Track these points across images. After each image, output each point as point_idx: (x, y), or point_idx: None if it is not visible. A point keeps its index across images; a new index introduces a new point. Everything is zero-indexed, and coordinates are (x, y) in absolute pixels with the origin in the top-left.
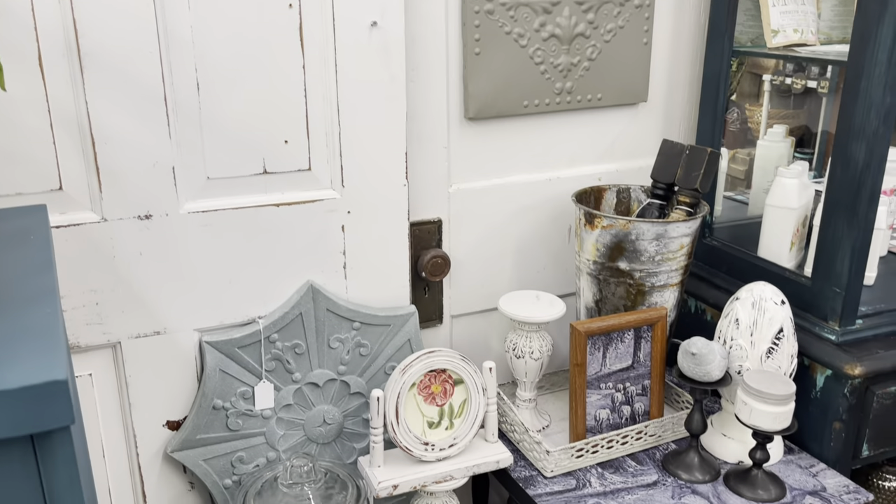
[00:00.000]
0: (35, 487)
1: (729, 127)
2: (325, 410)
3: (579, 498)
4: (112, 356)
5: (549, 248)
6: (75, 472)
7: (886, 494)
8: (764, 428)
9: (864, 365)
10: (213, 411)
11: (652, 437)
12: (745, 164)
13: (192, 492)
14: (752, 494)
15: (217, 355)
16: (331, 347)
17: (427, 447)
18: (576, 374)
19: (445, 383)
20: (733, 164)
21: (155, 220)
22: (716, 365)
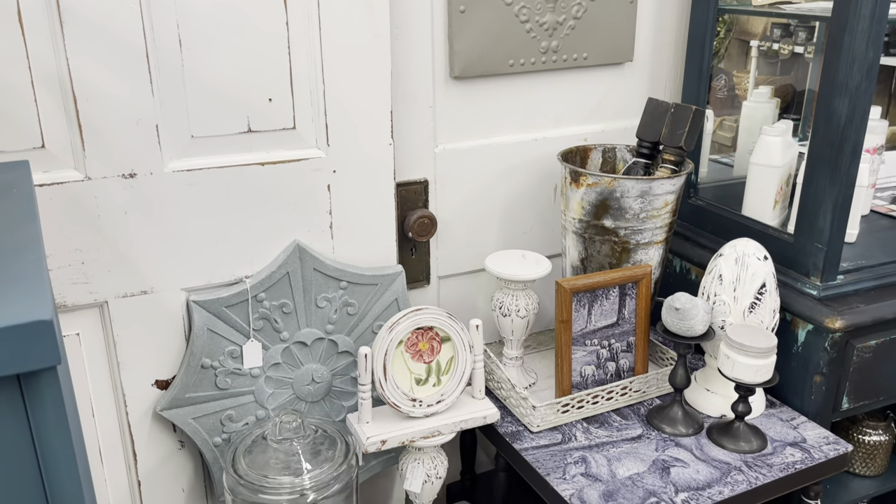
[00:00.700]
0: (23, 428)
1: (716, 94)
2: (313, 369)
3: (565, 451)
4: (99, 315)
5: (535, 209)
6: (63, 412)
7: (866, 448)
8: (746, 381)
9: (845, 318)
10: (202, 370)
11: (636, 392)
12: (732, 132)
13: (182, 450)
14: (733, 446)
15: (204, 314)
16: (318, 307)
17: (415, 403)
18: (561, 331)
19: (433, 341)
20: (720, 132)
21: (139, 178)
22: (699, 320)
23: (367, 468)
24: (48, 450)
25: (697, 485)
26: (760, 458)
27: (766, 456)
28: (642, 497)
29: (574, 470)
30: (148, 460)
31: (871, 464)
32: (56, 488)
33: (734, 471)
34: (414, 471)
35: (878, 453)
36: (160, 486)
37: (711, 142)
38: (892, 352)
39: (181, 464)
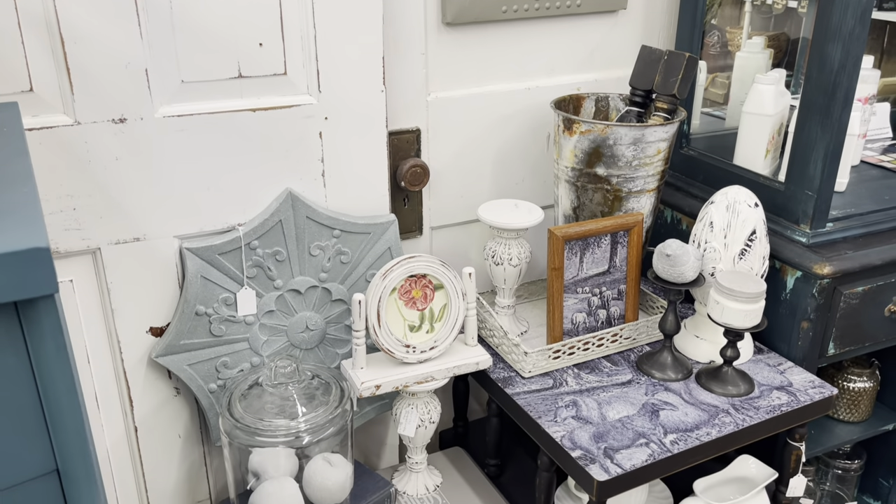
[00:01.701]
0: (22, 358)
1: (709, 50)
2: (307, 317)
3: (556, 396)
4: (92, 262)
5: (528, 160)
6: (62, 342)
7: (851, 395)
8: (735, 325)
9: (833, 265)
10: (196, 317)
11: (627, 339)
12: (724, 88)
13: (177, 397)
14: (721, 390)
15: (198, 262)
16: (311, 255)
17: (408, 349)
18: (553, 279)
19: (426, 288)
20: (712, 88)
21: (129, 123)
22: (690, 266)
23: (361, 414)
24: (48, 380)
25: (686, 426)
26: (747, 401)
27: (753, 399)
28: (632, 438)
29: (565, 413)
30: (144, 406)
31: (856, 410)
32: (57, 419)
33: (722, 413)
34: (408, 416)
35: (862, 399)
36: (156, 432)
37: (703, 99)
38: (878, 298)
39: (177, 410)
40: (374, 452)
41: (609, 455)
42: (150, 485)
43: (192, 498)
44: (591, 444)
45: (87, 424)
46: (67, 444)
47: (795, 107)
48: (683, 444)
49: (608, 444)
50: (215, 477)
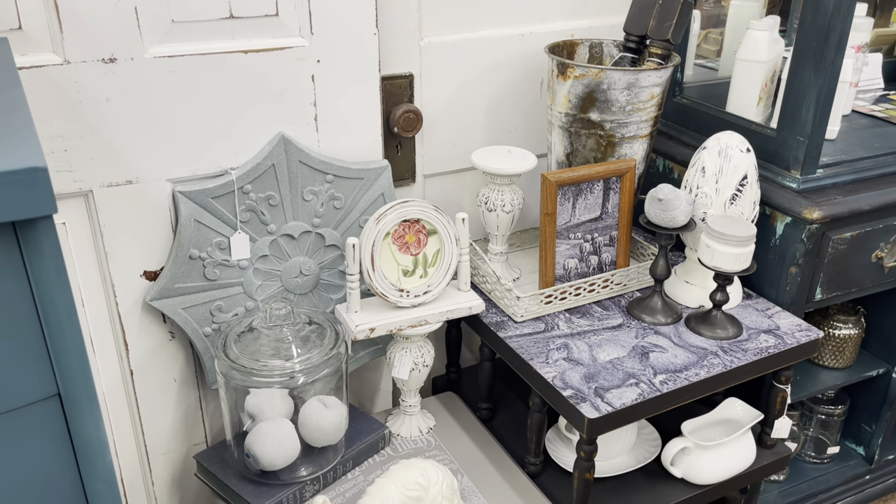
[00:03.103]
0: (21, 280)
1: (702, 5)
2: (301, 262)
3: (548, 339)
4: (85, 205)
5: (521, 107)
6: (61, 263)
7: (836, 341)
8: (725, 269)
9: (822, 209)
10: (190, 261)
11: (618, 285)
12: (717, 44)
13: (172, 341)
14: (710, 333)
15: (191, 205)
16: (304, 200)
17: (402, 293)
18: (546, 224)
19: (419, 233)
20: (705, 45)
21: (120, 64)
22: (681, 210)
23: (355, 359)
24: (48, 303)
25: (675, 367)
26: (736, 343)
27: (741, 342)
28: (622, 378)
29: (556, 355)
30: (139, 350)
31: (840, 356)
32: (58, 342)
33: (710, 355)
34: (401, 359)
35: (847, 346)
36: (152, 376)
37: (696, 55)
38: (865, 244)
39: (172, 354)
40: (368, 398)
41: (599, 394)
42: (146, 428)
43: (188, 441)
44: (581, 384)
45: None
46: (69, 368)
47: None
48: (673, 384)
49: (599, 384)
50: (211, 421)
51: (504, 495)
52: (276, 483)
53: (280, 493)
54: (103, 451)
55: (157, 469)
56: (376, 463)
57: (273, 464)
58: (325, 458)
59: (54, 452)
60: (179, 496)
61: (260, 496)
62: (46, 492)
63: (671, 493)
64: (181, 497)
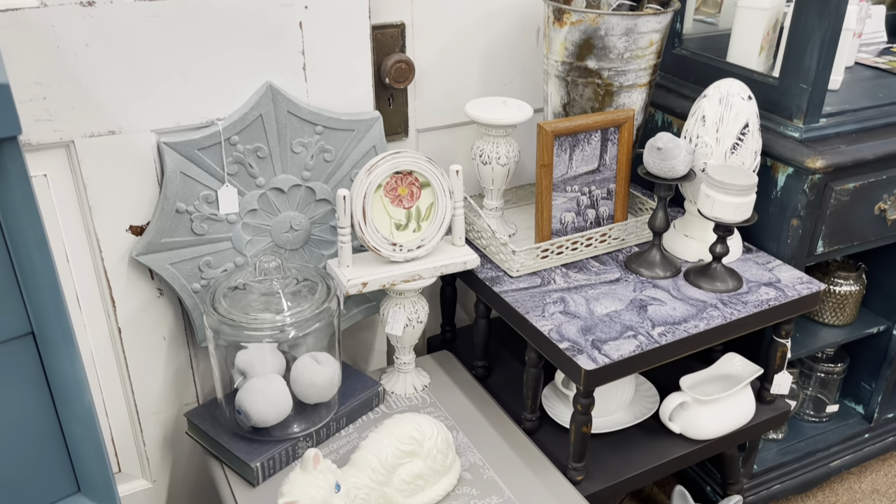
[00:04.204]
0: None
1: None
2: (291, 216)
3: (544, 293)
4: (66, 156)
5: (517, 58)
6: (29, 190)
7: (837, 298)
8: (725, 219)
9: (825, 158)
10: (177, 215)
11: (615, 240)
12: (716, 7)
13: (161, 298)
14: (710, 286)
15: (177, 157)
16: (294, 152)
17: (395, 248)
18: (542, 176)
19: (412, 186)
20: (704, 8)
21: (98, 7)
22: (681, 160)
23: (348, 316)
24: (17, 234)
25: (674, 320)
26: (735, 296)
27: (741, 294)
28: (619, 331)
29: (553, 309)
30: (127, 307)
31: (841, 313)
32: (29, 276)
33: (710, 308)
34: (395, 315)
35: (847, 303)
36: (141, 333)
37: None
38: (868, 196)
39: (161, 311)
40: (363, 357)
41: (597, 346)
42: (136, 387)
43: (179, 401)
44: (578, 337)
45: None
46: (41, 305)
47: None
48: (671, 336)
49: (596, 337)
50: (202, 381)
51: (500, 451)
52: (268, 440)
53: (272, 449)
54: (81, 391)
55: (149, 429)
56: (370, 420)
57: (265, 420)
58: (318, 415)
59: (30, 394)
60: (172, 456)
61: (252, 453)
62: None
63: (669, 448)
64: (173, 457)
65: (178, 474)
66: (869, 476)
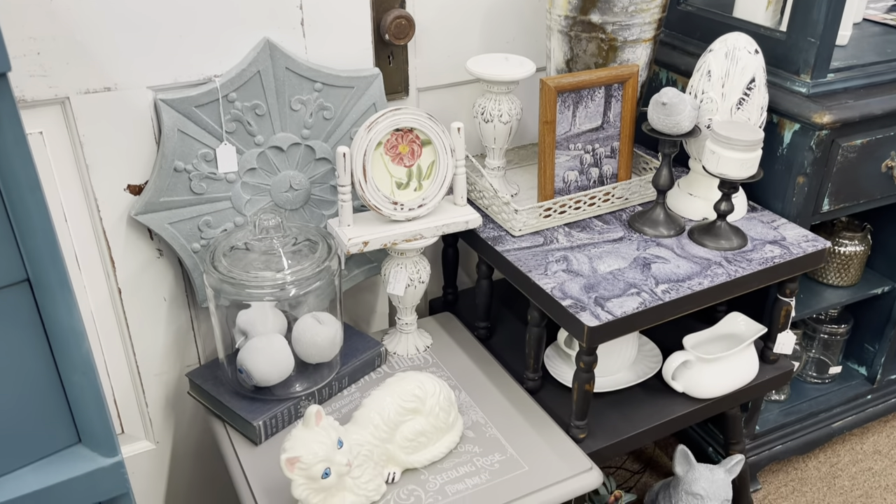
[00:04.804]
0: None
1: None
2: (290, 176)
3: (546, 252)
4: (62, 113)
5: (520, 16)
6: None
7: (841, 259)
8: (731, 175)
9: (833, 113)
10: (175, 173)
11: (619, 199)
12: None
13: (161, 258)
14: (714, 244)
15: (174, 115)
16: (293, 109)
17: (396, 207)
18: (545, 133)
19: (413, 143)
20: None
21: None
22: (686, 115)
23: (349, 277)
24: (10, 177)
25: (677, 277)
26: (740, 254)
27: (745, 252)
28: (623, 288)
29: (556, 267)
30: (126, 268)
31: (845, 274)
32: (23, 221)
33: (714, 265)
34: (397, 275)
35: (852, 263)
36: (141, 294)
37: None
38: (875, 153)
39: (161, 272)
40: (364, 319)
41: (600, 303)
42: (137, 349)
43: (181, 363)
44: (581, 294)
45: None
46: (36, 250)
47: None
48: (675, 293)
49: (599, 294)
50: (204, 342)
51: (502, 410)
52: (270, 399)
53: (275, 408)
54: (79, 339)
55: (151, 390)
56: (372, 380)
57: (267, 379)
58: (320, 375)
59: (27, 343)
60: (174, 417)
61: (254, 411)
62: (22, 387)
63: (672, 406)
64: (176, 418)
65: (181, 435)
66: (871, 437)
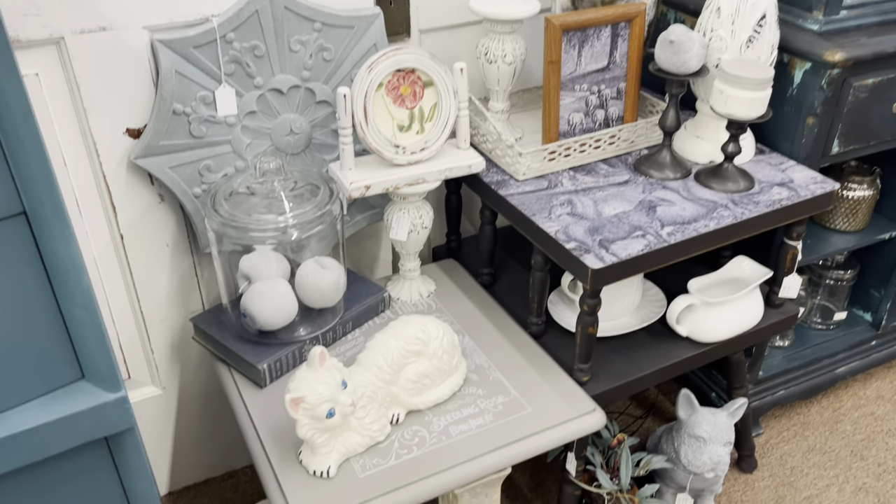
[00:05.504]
0: None
1: None
2: (291, 119)
3: (551, 195)
4: (58, 54)
5: None
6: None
7: (849, 203)
8: (739, 115)
9: (845, 51)
10: (174, 116)
11: (625, 142)
12: None
13: (162, 203)
14: (721, 186)
15: (171, 56)
16: (292, 50)
17: (398, 150)
18: (550, 73)
19: (415, 85)
20: None
21: None
22: (694, 54)
23: (352, 223)
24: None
25: (683, 220)
26: (747, 196)
27: (752, 194)
28: (628, 231)
29: (560, 210)
30: (128, 213)
31: (853, 219)
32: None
33: (720, 207)
34: (399, 220)
35: (860, 208)
36: (143, 239)
37: None
38: (888, 93)
39: (163, 218)
40: (368, 266)
41: (604, 246)
42: (141, 295)
43: (185, 308)
44: (586, 237)
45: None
46: (31, 181)
47: None
48: (680, 235)
49: (603, 237)
50: (207, 289)
51: (506, 353)
52: (274, 343)
53: (279, 351)
54: (79, 273)
55: (156, 336)
56: (376, 325)
57: (271, 323)
58: (323, 320)
59: (26, 277)
60: (180, 363)
61: (258, 355)
62: (23, 322)
63: (675, 350)
64: (182, 364)
65: (188, 380)
66: (874, 383)
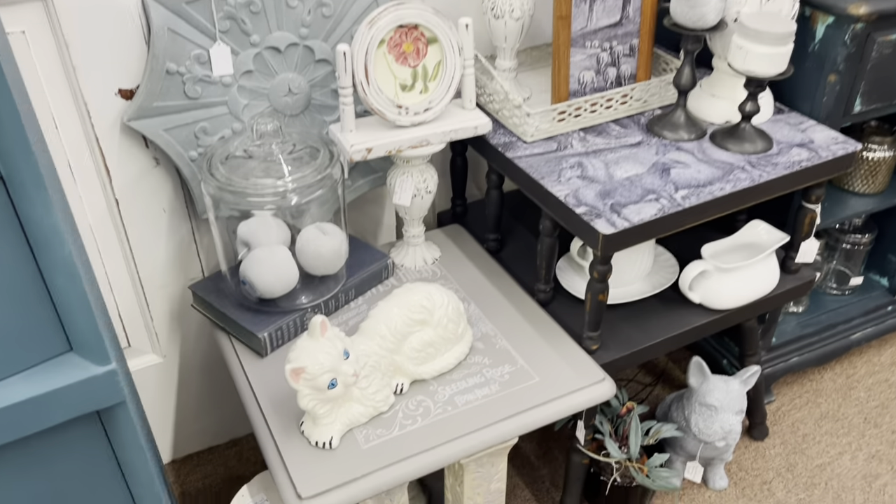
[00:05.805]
0: None
1: None
2: (289, 79)
3: (560, 158)
4: (44, 10)
5: None
6: None
7: (869, 165)
8: (758, 72)
9: (870, 4)
10: (168, 76)
11: (638, 101)
12: None
13: (158, 167)
14: (737, 147)
15: (163, 12)
16: (289, 6)
17: (401, 110)
18: (560, 29)
19: (418, 42)
20: None
21: None
22: (712, 7)
23: (353, 187)
24: None
25: (698, 183)
26: (765, 157)
27: (770, 156)
28: (640, 195)
29: (570, 173)
30: (122, 177)
31: (873, 181)
32: None
33: (737, 170)
34: (403, 184)
35: (880, 170)
36: (139, 204)
37: None
38: None
39: (159, 182)
40: (371, 232)
41: (616, 210)
42: (139, 261)
43: (184, 275)
44: (596, 201)
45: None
46: (4, 141)
47: None
48: (695, 199)
49: (615, 201)
50: (206, 255)
51: (513, 321)
52: (275, 311)
53: (280, 320)
54: (60, 240)
55: (155, 303)
56: (380, 293)
57: (271, 291)
58: (325, 287)
59: (6, 246)
60: (180, 331)
61: (259, 323)
62: (6, 292)
63: (688, 318)
64: (182, 332)
65: (188, 348)
66: (889, 349)
